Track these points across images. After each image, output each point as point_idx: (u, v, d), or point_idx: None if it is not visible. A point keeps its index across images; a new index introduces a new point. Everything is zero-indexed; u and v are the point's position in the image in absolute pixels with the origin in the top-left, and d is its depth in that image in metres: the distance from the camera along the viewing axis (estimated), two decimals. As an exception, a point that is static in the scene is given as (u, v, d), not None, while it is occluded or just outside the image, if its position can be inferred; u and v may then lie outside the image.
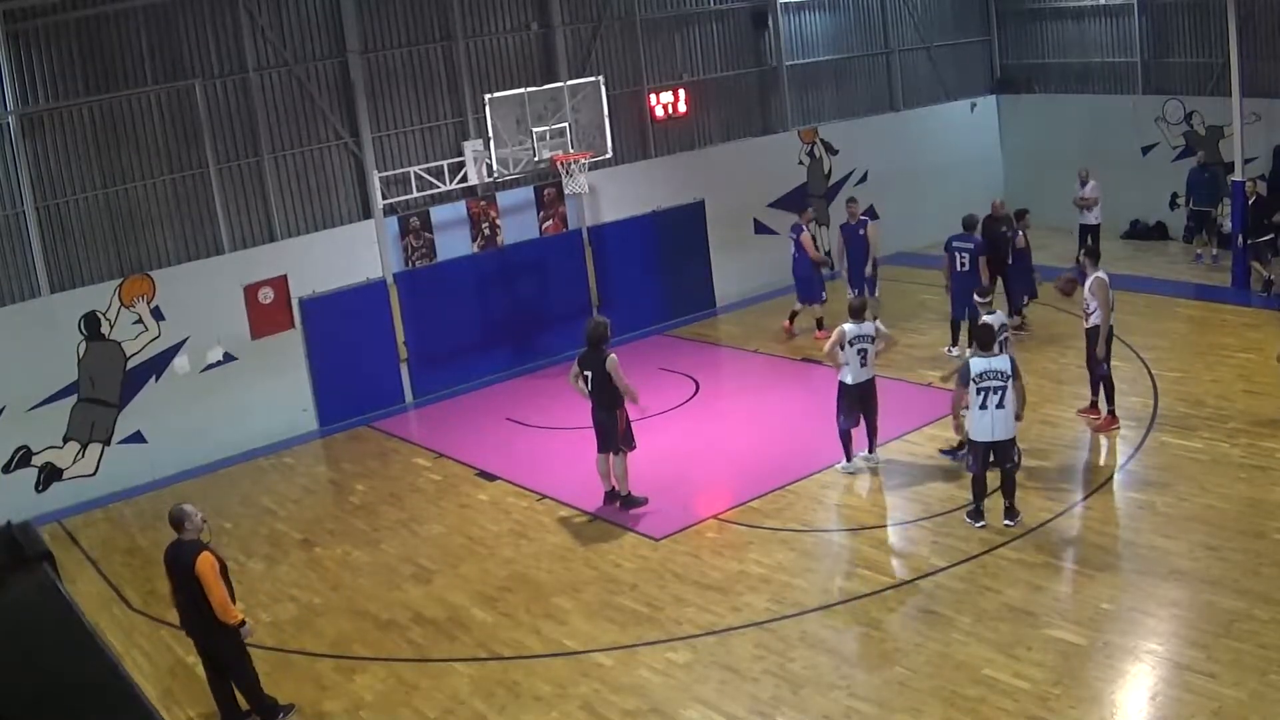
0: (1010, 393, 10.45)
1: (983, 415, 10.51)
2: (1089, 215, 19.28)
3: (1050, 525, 10.75)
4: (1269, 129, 18.85)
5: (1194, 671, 8.19)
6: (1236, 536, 10.10)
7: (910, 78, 22.43)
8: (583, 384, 12.11)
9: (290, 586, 11.54)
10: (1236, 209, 17.69)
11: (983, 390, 10.44)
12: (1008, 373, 10.43)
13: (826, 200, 21.13)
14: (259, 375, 15.62)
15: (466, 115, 17.20)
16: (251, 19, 15.40)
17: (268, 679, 9.16)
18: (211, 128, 15.27)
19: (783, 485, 12.36)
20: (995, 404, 10.43)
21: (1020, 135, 23.25)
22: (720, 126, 20.15)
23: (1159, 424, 12.78)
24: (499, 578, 11.18)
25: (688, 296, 19.57)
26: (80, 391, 14.39)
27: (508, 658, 9.67)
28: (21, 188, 14.01)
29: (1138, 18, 21.14)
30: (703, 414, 15.04)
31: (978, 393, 10.46)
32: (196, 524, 8.63)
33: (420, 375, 17.05)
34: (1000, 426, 10.51)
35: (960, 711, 8.11)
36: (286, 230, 16.01)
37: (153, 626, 10.92)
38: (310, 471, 14.96)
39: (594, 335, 12.03)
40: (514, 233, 17.74)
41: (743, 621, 9.74)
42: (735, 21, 20.25)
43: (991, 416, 10.48)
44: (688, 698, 8.75)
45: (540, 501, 12.88)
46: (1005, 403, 10.44)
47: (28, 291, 14.21)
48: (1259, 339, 15.12)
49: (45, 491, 14.20)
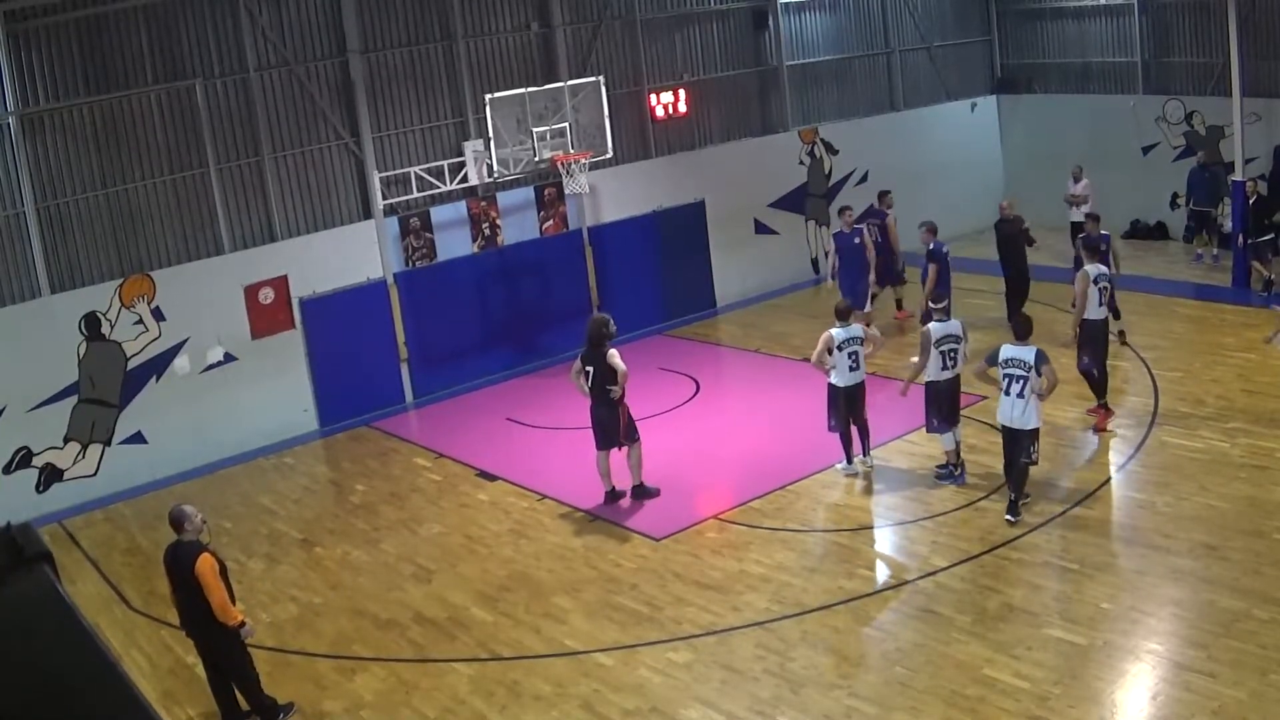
0: (1030, 384, 10.66)
1: (1004, 400, 10.87)
2: (1078, 212, 19.30)
3: (1050, 525, 10.75)
4: (1269, 129, 18.85)
5: (1194, 671, 8.19)
6: (1236, 536, 10.10)
7: (911, 78, 22.44)
8: (583, 381, 12.11)
9: (290, 586, 11.54)
10: (1237, 209, 17.69)
11: (1007, 376, 10.80)
12: (1030, 363, 10.65)
13: (827, 201, 21.14)
14: (259, 375, 15.63)
15: (467, 115, 17.20)
16: (252, 19, 15.41)
17: (268, 679, 9.16)
18: (212, 128, 15.28)
19: (783, 485, 12.36)
20: (1016, 392, 10.71)
21: (1021, 135, 23.26)
22: (721, 126, 20.16)
23: (1159, 423, 12.77)
24: (499, 577, 11.18)
25: (688, 296, 19.58)
26: (81, 392, 14.39)
27: (508, 657, 9.67)
28: (22, 188, 14.01)
29: (1138, 17, 21.14)
30: (703, 414, 15.04)
31: (1004, 377, 10.82)
32: (196, 525, 8.63)
33: (420, 375, 17.06)
34: (1019, 414, 10.72)
35: (960, 711, 8.11)
36: (287, 230, 16.02)
37: (153, 627, 10.92)
38: (310, 471, 14.96)
39: (594, 333, 12.05)
40: (514, 233, 17.74)
41: (743, 621, 9.74)
42: (736, 21, 20.25)
43: (1012, 403, 10.77)
44: (688, 697, 8.75)
45: (540, 501, 12.88)
46: (1026, 393, 10.64)
47: (28, 292, 14.22)
48: (1259, 338, 15.12)
49: (46, 492, 14.21)
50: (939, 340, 11.65)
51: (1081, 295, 12.81)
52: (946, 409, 11.81)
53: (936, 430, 11.94)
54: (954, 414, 11.90)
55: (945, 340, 11.68)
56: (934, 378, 11.74)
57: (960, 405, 12.04)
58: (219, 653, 8.73)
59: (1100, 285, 12.80)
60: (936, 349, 11.65)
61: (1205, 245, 19.50)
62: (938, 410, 11.82)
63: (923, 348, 11.76)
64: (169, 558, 8.69)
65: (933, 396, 11.81)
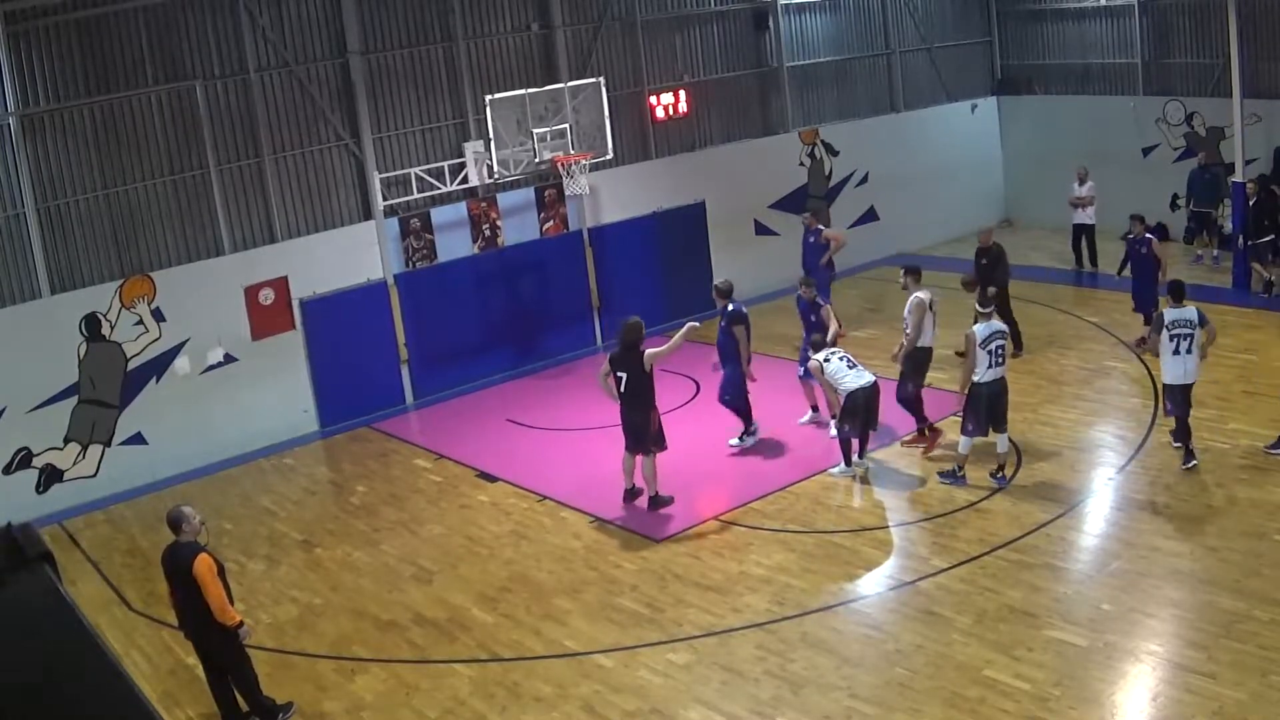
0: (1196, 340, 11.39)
1: (1174, 360, 11.45)
2: (1083, 214, 19.30)
3: (1050, 525, 10.75)
4: (1269, 130, 18.85)
5: (1194, 672, 8.19)
6: (1237, 537, 10.10)
7: (911, 79, 22.44)
8: (612, 384, 12.05)
9: (290, 587, 11.54)
10: (1237, 210, 17.69)
11: (1175, 337, 11.40)
12: (1195, 321, 11.38)
13: (827, 201, 21.15)
14: (260, 376, 15.63)
15: (467, 116, 17.20)
16: (252, 19, 15.41)
17: (268, 679, 9.17)
18: (212, 128, 15.28)
19: (783, 486, 12.36)
20: (1185, 349, 11.40)
21: (1021, 136, 23.25)
22: (721, 127, 20.16)
23: (1159, 424, 12.76)
24: (499, 578, 11.18)
25: (688, 297, 19.51)
26: (81, 393, 14.39)
27: (508, 659, 9.67)
28: (22, 189, 14.01)
29: (1138, 18, 21.13)
30: (703, 415, 15.03)
31: (1171, 339, 11.40)
32: (194, 526, 8.63)
33: (421, 376, 17.06)
34: (1191, 369, 11.47)
35: (960, 712, 8.11)
36: (287, 231, 16.02)
37: (153, 627, 10.92)
38: (311, 472, 14.96)
39: (629, 337, 11.94)
40: (515, 234, 17.74)
41: (743, 622, 9.74)
42: (736, 22, 20.26)
43: (1183, 360, 11.43)
44: (688, 699, 8.75)
45: (541, 502, 12.88)
46: (1194, 349, 11.42)
47: (28, 292, 14.22)
48: (1259, 340, 15.13)
49: (46, 493, 14.20)
50: (984, 340, 11.57)
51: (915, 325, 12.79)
52: (985, 413, 11.66)
53: (969, 434, 11.78)
54: (992, 417, 11.74)
55: (992, 339, 11.60)
56: (980, 379, 11.60)
57: (1006, 409, 11.84)
58: (218, 653, 8.72)
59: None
60: (983, 349, 11.56)
61: (1205, 246, 19.49)
62: (975, 413, 11.68)
63: (969, 350, 11.63)
64: (167, 559, 8.70)
65: (973, 399, 11.67)
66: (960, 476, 11.86)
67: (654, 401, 11.98)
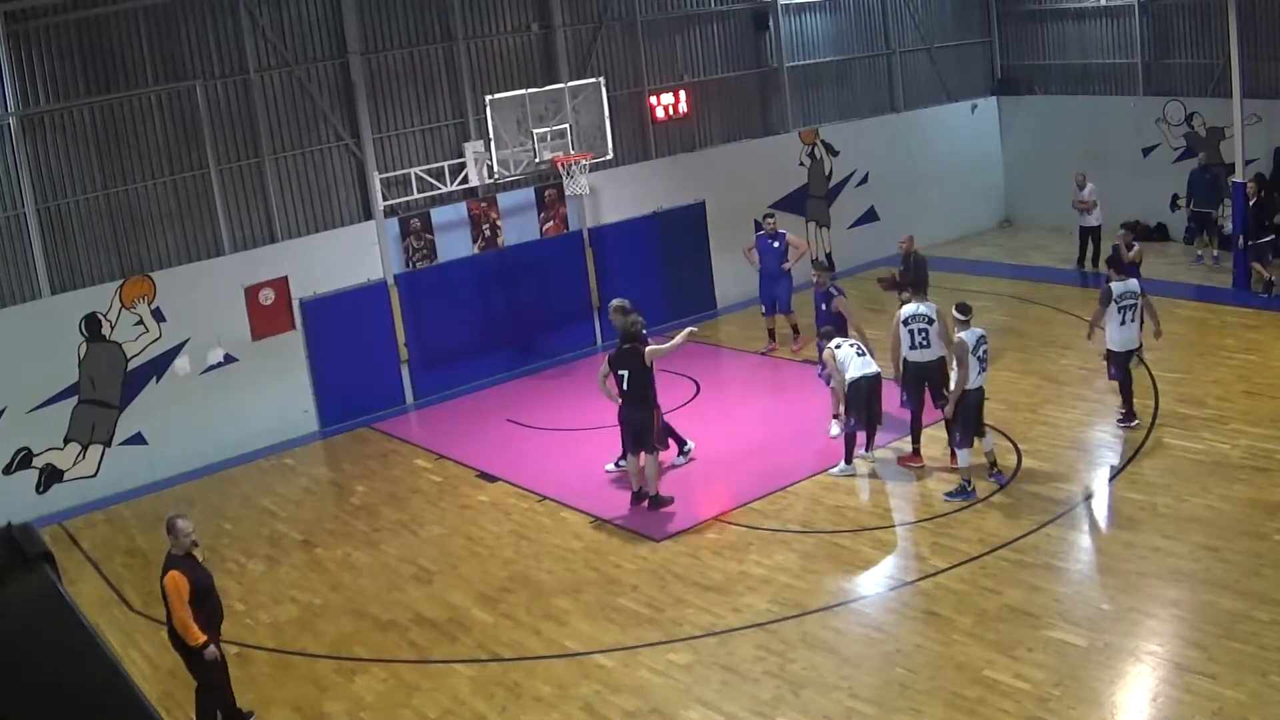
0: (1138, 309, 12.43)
1: (1121, 329, 12.45)
2: (1089, 218, 19.31)
3: (1050, 525, 10.75)
4: (1269, 130, 18.85)
5: (1194, 673, 8.18)
6: (1237, 537, 10.09)
7: (911, 79, 22.43)
8: (612, 386, 12.02)
9: (290, 587, 11.54)
10: (1237, 210, 17.69)
11: (1123, 308, 12.40)
12: (1138, 292, 12.48)
13: (827, 202, 21.14)
14: (260, 376, 15.62)
15: (467, 116, 17.20)
16: (252, 19, 15.41)
17: (269, 680, 9.18)
18: (212, 128, 15.27)
19: (783, 486, 12.36)
20: (1130, 319, 12.42)
21: (1021, 136, 23.24)
22: (721, 127, 20.15)
23: (1159, 425, 12.77)
24: (499, 579, 11.17)
25: (688, 297, 19.54)
26: (81, 393, 14.38)
27: (508, 659, 9.67)
28: (22, 189, 14.01)
29: (1138, 19, 21.12)
30: (703, 415, 15.02)
31: (1119, 310, 12.39)
32: (181, 542, 8.48)
33: (421, 376, 17.05)
34: (1134, 335, 12.57)
35: (960, 712, 8.11)
36: (287, 231, 16.01)
37: (153, 628, 10.88)
38: (311, 473, 14.96)
39: (629, 333, 11.94)
40: (515, 234, 17.74)
41: (743, 622, 9.74)
42: (736, 22, 20.25)
43: (1129, 328, 12.46)
44: (689, 699, 8.75)
45: (541, 502, 12.87)
46: (1136, 318, 12.47)
47: (28, 293, 14.21)
48: (1259, 340, 15.14)
49: (46, 493, 14.19)
50: (974, 346, 11.46)
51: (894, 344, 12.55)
52: (974, 420, 11.55)
53: (960, 445, 11.54)
54: (979, 425, 11.67)
55: (980, 344, 11.52)
56: (968, 386, 11.43)
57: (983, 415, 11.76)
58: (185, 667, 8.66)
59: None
60: (973, 355, 11.43)
61: (1206, 247, 19.49)
62: (965, 422, 11.47)
63: (959, 360, 11.44)
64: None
65: (963, 407, 11.46)
66: (970, 491, 11.53)
67: (656, 400, 11.97)
